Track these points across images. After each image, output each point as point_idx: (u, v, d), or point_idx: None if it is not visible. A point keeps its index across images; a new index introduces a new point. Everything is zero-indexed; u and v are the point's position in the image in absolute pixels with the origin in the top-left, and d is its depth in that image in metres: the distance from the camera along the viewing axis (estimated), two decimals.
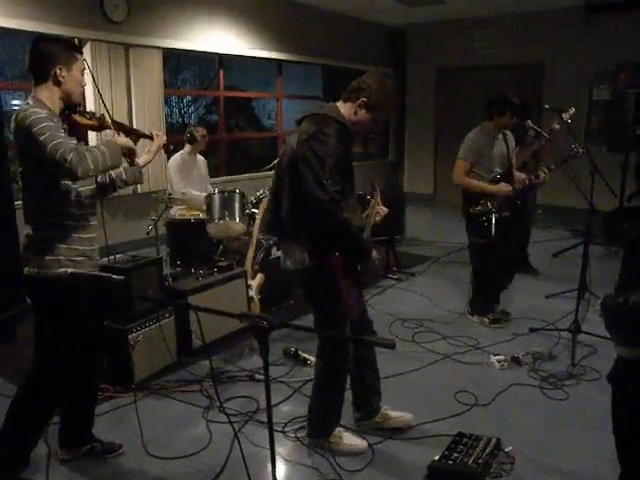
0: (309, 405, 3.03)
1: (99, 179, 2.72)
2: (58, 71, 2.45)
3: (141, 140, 2.83)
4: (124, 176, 2.84)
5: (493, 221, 4.29)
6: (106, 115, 2.68)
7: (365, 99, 2.67)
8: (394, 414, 3.16)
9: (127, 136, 2.76)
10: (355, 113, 2.70)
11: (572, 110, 4.78)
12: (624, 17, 8.52)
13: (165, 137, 2.96)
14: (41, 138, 2.26)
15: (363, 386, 3.13)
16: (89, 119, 2.62)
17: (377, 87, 2.67)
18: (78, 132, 2.65)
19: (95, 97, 6.41)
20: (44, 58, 2.45)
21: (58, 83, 2.47)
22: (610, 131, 8.55)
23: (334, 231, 2.61)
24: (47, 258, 2.47)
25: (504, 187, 4.37)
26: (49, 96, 2.47)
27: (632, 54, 8.52)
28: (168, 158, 3.13)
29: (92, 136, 6.13)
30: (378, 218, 3.02)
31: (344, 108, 2.72)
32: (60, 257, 2.49)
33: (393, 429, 3.12)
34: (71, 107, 2.56)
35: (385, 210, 3.04)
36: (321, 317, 2.87)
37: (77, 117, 2.57)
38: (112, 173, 2.82)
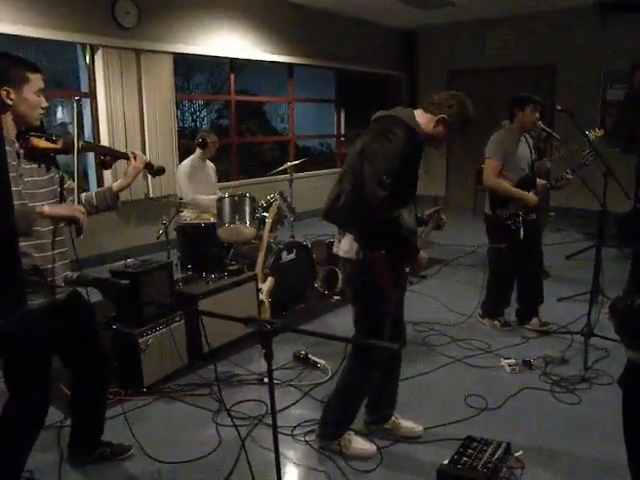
0: (327, 403, 3.03)
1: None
2: (4, 93, 2.24)
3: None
4: (94, 202, 2.69)
5: (521, 224, 4.27)
6: (75, 137, 2.46)
7: (445, 116, 2.71)
8: (405, 424, 3.15)
9: (101, 157, 2.65)
10: (434, 126, 2.74)
11: (600, 132, 4.65)
12: (637, 16, 8.44)
13: (147, 158, 2.79)
14: None
15: (380, 394, 3.13)
16: (52, 142, 2.43)
17: (459, 109, 2.71)
18: (40, 156, 2.44)
19: (107, 103, 6.48)
20: None
21: (6, 107, 2.26)
22: (624, 132, 8.47)
23: (383, 227, 2.63)
24: None
25: (532, 196, 4.32)
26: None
27: None
28: (155, 175, 2.93)
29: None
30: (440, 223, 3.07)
31: (422, 117, 2.75)
32: None
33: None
34: (31, 129, 2.37)
35: (444, 220, 3.09)
36: (360, 313, 2.87)
37: (35, 141, 2.37)
38: (82, 198, 2.64)
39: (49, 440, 3.02)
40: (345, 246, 2.79)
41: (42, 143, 2.40)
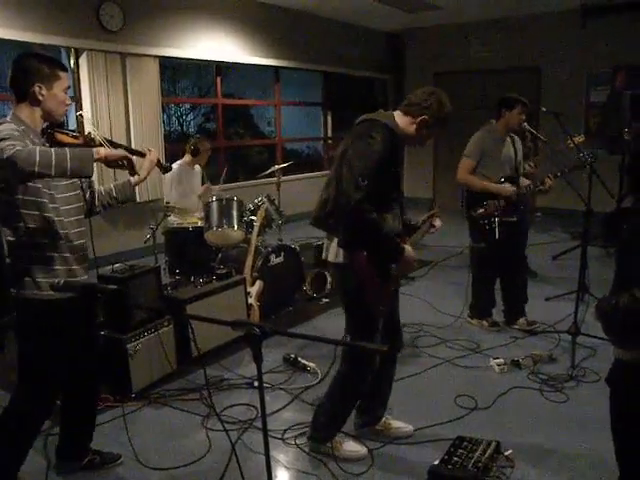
0: (318, 406, 3.02)
1: (87, 196, 2.67)
2: (37, 89, 2.35)
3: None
4: (114, 193, 2.78)
5: (496, 224, 4.27)
6: (94, 133, 2.59)
7: (426, 117, 2.71)
8: (396, 424, 3.15)
9: None
10: (416, 129, 2.74)
11: (582, 137, 4.66)
12: (619, 19, 8.55)
13: (157, 154, 2.88)
14: None
15: (374, 396, 3.11)
16: (74, 137, 2.53)
17: (438, 107, 2.71)
18: None
19: (92, 107, 6.44)
20: (23, 75, 2.37)
21: (37, 102, 2.38)
22: (607, 133, 8.55)
23: (363, 230, 2.62)
24: (25, 279, 2.40)
25: (507, 187, 4.32)
26: (29, 114, 2.39)
27: (628, 56, 8.54)
28: (164, 172, 3.11)
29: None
30: (432, 230, 3.08)
31: (402, 119, 2.75)
32: (39, 279, 2.40)
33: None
34: (54, 125, 2.48)
35: (438, 225, 3.08)
36: (351, 317, 2.85)
37: (60, 135, 2.48)
38: (101, 190, 2.76)
39: (36, 447, 2.97)
40: (333, 251, 2.79)
41: (66, 138, 2.50)
